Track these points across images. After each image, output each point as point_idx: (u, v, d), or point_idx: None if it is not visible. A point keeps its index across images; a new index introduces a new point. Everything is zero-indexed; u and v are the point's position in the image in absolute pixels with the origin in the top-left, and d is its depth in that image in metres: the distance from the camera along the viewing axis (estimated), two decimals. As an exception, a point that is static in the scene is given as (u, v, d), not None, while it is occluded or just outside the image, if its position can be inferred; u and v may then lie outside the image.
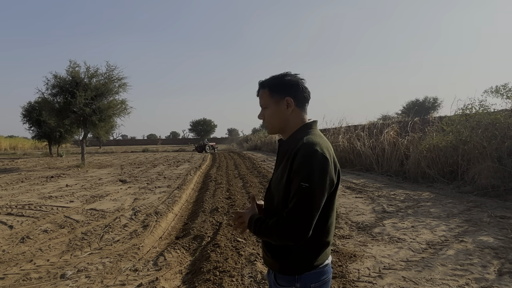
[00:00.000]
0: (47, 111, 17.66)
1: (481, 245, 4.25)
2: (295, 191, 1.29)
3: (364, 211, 6.38)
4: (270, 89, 1.47)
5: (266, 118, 1.50)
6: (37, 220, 5.94)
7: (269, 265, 1.52)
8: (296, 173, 1.31)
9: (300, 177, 1.28)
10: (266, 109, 1.49)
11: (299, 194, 1.28)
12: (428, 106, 45.75)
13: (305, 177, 1.28)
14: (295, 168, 1.32)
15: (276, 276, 1.47)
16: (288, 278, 1.42)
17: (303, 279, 1.41)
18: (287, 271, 1.43)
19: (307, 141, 1.35)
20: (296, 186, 1.29)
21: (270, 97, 1.47)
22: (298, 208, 1.28)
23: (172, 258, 4.10)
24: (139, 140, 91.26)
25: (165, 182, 10.81)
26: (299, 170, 1.30)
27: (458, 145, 8.89)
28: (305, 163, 1.30)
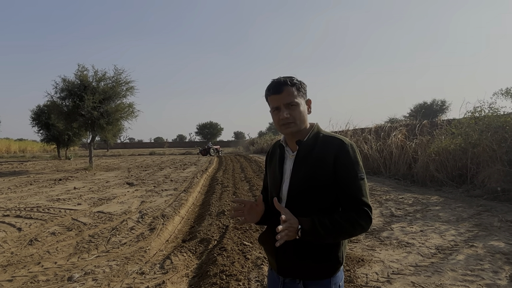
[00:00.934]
0: (56, 114, 17.87)
1: (492, 250, 4.17)
2: (357, 184, 1.39)
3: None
4: (297, 88, 1.48)
5: (294, 115, 1.46)
6: (45, 223, 5.98)
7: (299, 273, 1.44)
8: (351, 168, 1.40)
9: (356, 170, 1.40)
10: (293, 106, 1.46)
11: (362, 185, 1.39)
12: (436, 109, 45.39)
13: (360, 169, 1.41)
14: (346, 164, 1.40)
15: (308, 283, 1.43)
16: (324, 282, 1.42)
17: (335, 280, 1.43)
18: (326, 274, 1.42)
19: (343, 138, 1.45)
20: (354, 178, 1.39)
21: (298, 96, 1.48)
22: (366, 197, 1.39)
23: (179, 262, 4.09)
24: (146, 143, 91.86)
25: (172, 185, 10.83)
26: (353, 163, 1.40)
27: (467, 148, 8.78)
28: (355, 157, 1.42)
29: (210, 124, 71.16)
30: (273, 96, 1.47)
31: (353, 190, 1.37)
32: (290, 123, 1.46)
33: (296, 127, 1.47)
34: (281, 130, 1.50)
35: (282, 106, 1.46)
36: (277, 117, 1.48)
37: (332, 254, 1.40)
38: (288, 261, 1.45)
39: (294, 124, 1.46)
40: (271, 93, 1.48)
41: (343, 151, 1.39)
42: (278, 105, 1.46)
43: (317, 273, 1.41)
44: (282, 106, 1.46)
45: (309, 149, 1.46)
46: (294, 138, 1.52)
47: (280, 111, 1.46)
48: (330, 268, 1.41)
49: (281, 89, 1.46)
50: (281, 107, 1.46)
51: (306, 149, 1.47)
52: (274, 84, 1.48)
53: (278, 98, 1.46)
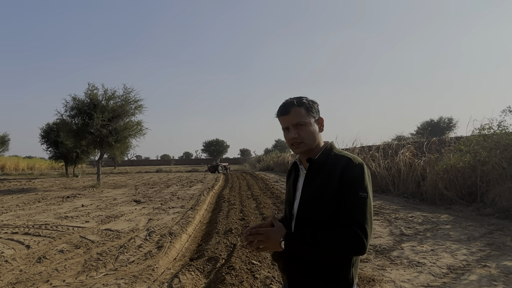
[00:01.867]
0: (65, 132, 18.14)
1: (505, 270, 4.08)
2: (356, 202, 1.36)
3: (381, 233, 6.24)
4: (306, 108, 1.51)
5: (302, 135, 1.49)
6: (53, 240, 6.00)
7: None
8: (352, 185, 1.38)
9: (358, 188, 1.37)
10: (302, 126, 1.48)
11: (360, 204, 1.35)
12: (443, 126, 45.15)
13: (363, 187, 1.37)
14: (348, 181, 1.39)
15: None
16: None
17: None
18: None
19: (351, 157, 1.45)
20: (354, 197, 1.36)
21: (307, 116, 1.50)
22: (363, 217, 1.34)
23: (187, 280, 4.06)
24: (153, 161, 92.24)
25: (179, 202, 10.83)
26: (356, 182, 1.38)
27: (476, 165, 8.69)
28: (360, 175, 1.39)
29: (216, 141, 71.43)
30: (282, 117, 1.53)
31: (349, 207, 1.35)
32: (300, 143, 1.49)
33: (306, 147, 1.50)
34: (292, 149, 1.55)
35: (290, 126, 1.50)
36: (287, 137, 1.53)
37: (342, 274, 1.38)
38: (298, 279, 1.45)
39: (303, 144, 1.49)
40: (279, 114, 1.55)
41: (349, 168, 1.40)
42: (287, 125, 1.51)
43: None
44: (290, 126, 1.50)
45: (319, 167, 1.48)
46: (306, 156, 1.55)
47: (289, 131, 1.51)
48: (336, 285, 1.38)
49: (289, 110, 1.51)
50: (290, 128, 1.50)
51: (317, 167, 1.49)
52: (283, 105, 1.54)
53: (286, 119, 1.51)
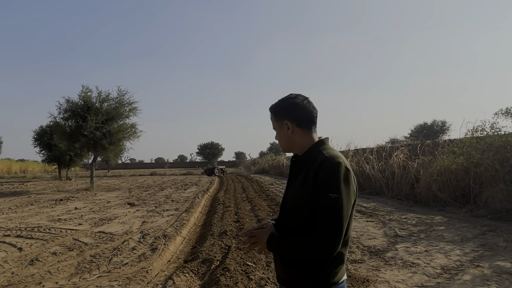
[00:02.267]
0: (58, 134, 18.02)
1: (498, 270, 4.12)
2: (324, 203, 1.30)
3: (375, 235, 6.27)
4: (273, 113, 1.57)
5: (279, 140, 1.57)
6: (46, 243, 5.94)
7: (288, 283, 1.48)
8: (323, 186, 1.32)
9: (327, 189, 1.30)
10: (276, 132, 1.57)
11: (329, 205, 1.29)
12: (436, 129, 45.52)
13: (333, 188, 1.30)
14: (321, 181, 1.33)
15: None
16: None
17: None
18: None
19: (329, 155, 1.38)
20: (324, 198, 1.30)
21: (274, 121, 1.57)
22: (330, 220, 1.29)
23: (181, 282, 4.04)
24: (147, 164, 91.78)
25: (173, 205, 10.78)
26: (326, 182, 1.32)
27: (470, 167, 8.77)
28: (332, 175, 1.32)
29: (211, 144, 71.28)
30: None
31: (319, 209, 1.32)
32: (282, 147, 1.59)
33: (285, 150, 1.58)
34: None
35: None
36: None
37: (318, 272, 1.38)
38: (280, 270, 1.51)
39: (283, 147, 1.59)
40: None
41: (323, 167, 1.34)
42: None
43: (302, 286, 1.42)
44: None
45: (302, 165, 1.48)
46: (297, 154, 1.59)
47: None
48: (313, 283, 1.39)
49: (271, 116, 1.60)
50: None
51: (300, 164, 1.50)
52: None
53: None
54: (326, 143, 1.51)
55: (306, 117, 1.51)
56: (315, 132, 1.54)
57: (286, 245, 1.38)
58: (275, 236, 1.42)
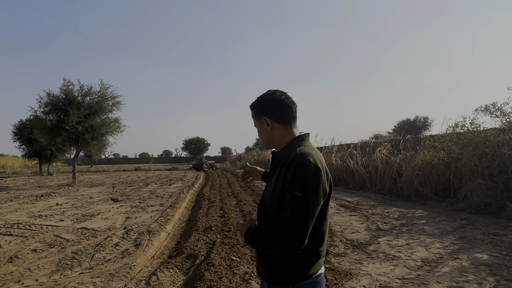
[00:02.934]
0: (39, 129, 17.55)
1: (476, 262, 4.24)
2: (290, 201, 1.31)
3: (358, 229, 6.36)
4: (252, 111, 1.59)
5: (260, 137, 1.60)
6: (26, 239, 5.80)
7: (263, 276, 1.52)
8: (290, 183, 1.33)
9: (294, 187, 1.30)
10: (257, 130, 1.59)
11: (294, 203, 1.29)
12: (419, 125, 46.38)
13: (299, 186, 1.30)
14: (289, 178, 1.34)
15: (270, 287, 1.48)
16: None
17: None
18: (282, 281, 1.44)
19: (299, 152, 1.39)
20: (290, 195, 1.31)
21: (255, 118, 1.59)
22: (294, 217, 1.29)
23: (165, 278, 4.02)
24: (131, 159, 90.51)
25: (158, 200, 10.68)
26: (293, 180, 1.32)
27: (450, 162, 8.98)
28: (299, 173, 1.32)
29: (197, 139, 70.77)
30: None
31: (286, 207, 1.33)
32: (264, 143, 1.61)
33: (267, 147, 1.60)
34: None
35: None
36: None
37: (286, 263, 1.41)
38: (257, 263, 1.55)
39: (264, 144, 1.61)
40: None
41: (291, 163, 1.35)
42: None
43: (273, 278, 1.45)
44: None
45: (277, 161, 1.50)
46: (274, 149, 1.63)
47: None
48: (285, 275, 1.42)
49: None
50: None
51: (276, 161, 1.53)
52: None
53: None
54: (305, 139, 1.52)
55: (284, 112, 1.52)
56: (296, 127, 1.55)
57: (255, 239, 1.41)
58: (250, 230, 1.45)
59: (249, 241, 1.43)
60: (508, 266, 4.08)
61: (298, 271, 1.41)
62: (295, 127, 1.54)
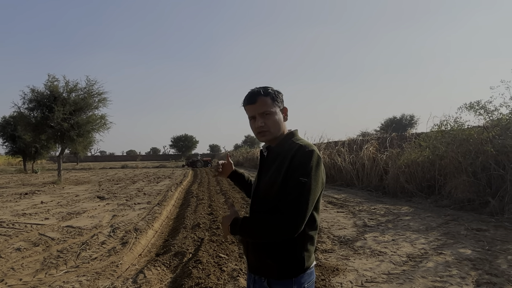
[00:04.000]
0: (23, 126, 17.21)
1: (459, 257, 4.34)
2: (293, 186, 1.36)
3: (345, 225, 6.43)
4: (272, 97, 1.53)
5: (268, 124, 1.52)
6: (9, 238, 5.68)
7: (261, 272, 1.49)
8: (295, 171, 1.38)
9: (299, 173, 1.36)
10: (268, 115, 1.51)
11: (298, 188, 1.35)
12: (405, 123, 47.05)
13: (304, 173, 1.36)
14: (294, 166, 1.39)
15: (271, 282, 1.46)
16: (285, 282, 1.44)
17: (298, 281, 1.44)
18: (285, 274, 1.43)
19: (303, 144, 1.46)
20: (294, 181, 1.36)
21: (273, 105, 1.52)
22: (297, 201, 1.33)
23: (152, 276, 4.00)
24: (118, 156, 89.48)
25: (145, 198, 10.59)
26: (299, 167, 1.38)
27: (435, 160, 9.15)
28: (305, 161, 1.39)
29: (185, 137, 70.34)
30: (249, 106, 1.55)
31: (288, 191, 1.36)
32: (265, 132, 1.53)
33: (271, 135, 1.54)
34: (258, 138, 1.57)
35: (257, 115, 1.53)
36: (254, 126, 1.55)
37: (290, 255, 1.42)
38: (253, 258, 1.52)
39: (269, 133, 1.53)
40: (246, 103, 1.56)
41: (297, 153, 1.41)
42: (254, 114, 1.54)
43: (277, 272, 1.44)
44: (257, 115, 1.53)
45: (276, 155, 1.52)
46: (269, 144, 1.60)
47: (256, 120, 1.53)
48: (289, 268, 1.43)
49: (256, 99, 1.53)
50: (257, 117, 1.53)
51: (274, 155, 1.53)
52: (249, 95, 1.55)
53: (253, 108, 1.54)
54: (297, 134, 1.59)
55: None
56: None
57: (249, 225, 1.41)
58: (238, 220, 1.45)
59: (238, 230, 1.43)
60: (490, 260, 4.18)
61: (302, 262, 1.44)
62: None
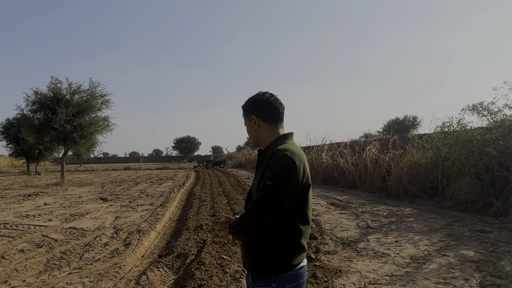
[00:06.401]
0: (26, 127, 17.28)
1: (462, 259, 4.32)
2: (261, 188, 1.45)
3: (348, 226, 6.42)
4: (243, 109, 1.71)
5: (248, 135, 1.72)
6: (13, 240, 5.71)
7: (247, 267, 1.60)
8: (265, 173, 1.47)
9: (266, 176, 1.44)
10: (246, 127, 1.71)
11: (261, 190, 1.43)
12: (408, 124, 46.93)
13: (271, 176, 1.42)
14: (266, 169, 1.48)
15: (254, 277, 1.56)
16: (265, 279, 1.51)
17: (279, 280, 1.50)
18: (264, 272, 1.51)
19: (280, 148, 1.52)
20: (262, 183, 1.45)
21: (245, 117, 1.71)
22: (258, 202, 1.42)
23: (155, 277, 4.00)
24: (121, 158, 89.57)
25: (148, 200, 10.61)
26: (268, 170, 1.46)
27: (438, 161, 9.11)
28: (274, 164, 1.45)
29: (187, 138, 70.44)
30: None
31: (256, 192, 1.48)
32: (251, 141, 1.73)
33: (254, 144, 1.71)
34: None
35: None
36: None
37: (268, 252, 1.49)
38: (243, 255, 1.64)
39: (252, 142, 1.72)
40: None
41: (270, 157, 1.49)
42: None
43: (256, 269, 1.54)
44: None
45: (262, 158, 1.63)
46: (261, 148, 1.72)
47: None
48: (266, 266, 1.50)
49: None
50: None
51: (261, 158, 1.65)
52: None
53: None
54: (288, 137, 1.64)
55: (272, 112, 1.65)
56: (282, 127, 1.67)
57: (232, 225, 1.58)
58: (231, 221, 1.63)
59: (231, 229, 1.59)
60: (494, 262, 4.16)
61: (280, 261, 1.49)
62: (281, 127, 1.67)
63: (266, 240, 1.49)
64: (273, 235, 1.48)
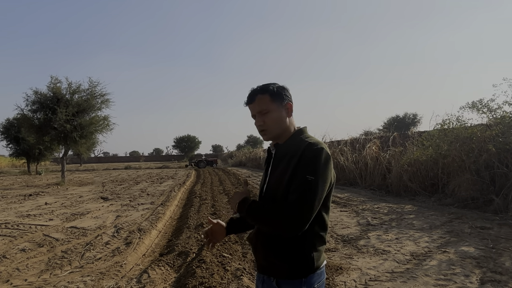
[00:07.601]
0: (26, 127, 17.31)
1: (463, 255, 4.33)
2: (299, 183, 1.33)
3: (349, 224, 6.43)
4: (271, 94, 1.49)
5: (267, 123, 1.49)
6: (14, 239, 5.72)
7: (269, 271, 1.47)
8: (302, 168, 1.35)
9: (306, 171, 1.34)
10: (266, 114, 1.48)
11: (304, 186, 1.32)
12: (408, 122, 46.87)
13: (312, 170, 1.34)
14: (302, 164, 1.37)
15: (279, 282, 1.43)
16: (295, 282, 1.40)
17: (308, 281, 1.40)
18: (294, 274, 1.40)
19: (312, 141, 1.43)
20: (301, 179, 1.33)
21: (272, 102, 1.48)
22: (302, 199, 1.31)
23: (156, 275, 4.01)
24: (121, 157, 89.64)
25: (149, 199, 10.62)
26: (306, 165, 1.35)
27: (438, 158, 9.12)
28: (313, 159, 1.36)
29: (187, 137, 70.44)
30: (248, 106, 1.54)
31: (294, 188, 1.34)
32: (264, 130, 1.51)
33: (271, 134, 1.51)
34: (261, 136, 1.56)
35: (256, 114, 1.51)
36: (255, 124, 1.54)
37: (299, 254, 1.39)
38: (261, 258, 1.50)
39: (268, 131, 1.50)
40: (246, 103, 1.55)
41: (306, 151, 1.38)
42: (254, 113, 1.53)
43: (286, 272, 1.42)
44: (256, 114, 1.51)
45: (285, 152, 1.48)
46: (276, 142, 1.57)
47: (256, 119, 1.52)
48: (298, 268, 1.40)
49: (254, 98, 1.51)
50: (256, 115, 1.52)
51: (282, 152, 1.50)
52: (248, 94, 1.54)
53: (252, 107, 1.52)
54: (306, 131, 1.55)
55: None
56: None
57: (256, 209, 1.41)
58: (248, 200, 1.46)
59: (245, 210, 1.43)
60: (494, 258, 4.17)
61: (312, 260, 1.40)
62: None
63: (297, 238, 1.38)
64: (305, 232, 1.36)
